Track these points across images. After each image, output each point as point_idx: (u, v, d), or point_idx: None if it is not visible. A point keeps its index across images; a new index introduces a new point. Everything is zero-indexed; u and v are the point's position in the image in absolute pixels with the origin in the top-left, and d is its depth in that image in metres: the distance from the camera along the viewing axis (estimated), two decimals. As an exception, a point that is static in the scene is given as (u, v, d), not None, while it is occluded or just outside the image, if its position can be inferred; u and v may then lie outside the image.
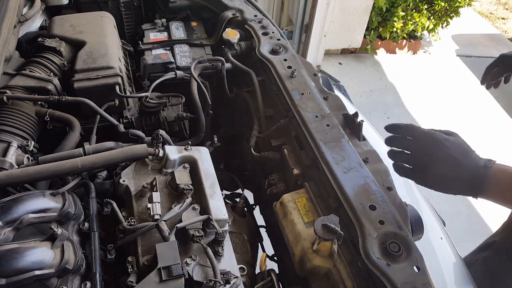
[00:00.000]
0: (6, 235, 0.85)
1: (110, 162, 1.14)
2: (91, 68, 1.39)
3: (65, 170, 1.08)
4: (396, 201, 1.05)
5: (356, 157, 1.14)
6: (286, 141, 1.33)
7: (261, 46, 1.54)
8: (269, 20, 1.75)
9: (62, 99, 1.31)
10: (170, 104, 1.49)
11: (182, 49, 1.70)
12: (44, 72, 1.39)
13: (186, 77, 1.56)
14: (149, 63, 1.61)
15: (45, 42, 1.46)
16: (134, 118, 1.48)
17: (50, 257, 0.86)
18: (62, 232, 0.90)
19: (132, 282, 0.92)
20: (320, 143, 1.17)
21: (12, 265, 0.81)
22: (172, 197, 1.13)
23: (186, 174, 1.19)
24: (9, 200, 0.90)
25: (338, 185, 1.07)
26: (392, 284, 0.85)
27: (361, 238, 0.94)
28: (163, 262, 0.88)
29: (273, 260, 1.40)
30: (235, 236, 1.27)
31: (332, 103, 1.33)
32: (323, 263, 1.01)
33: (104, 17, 1.67)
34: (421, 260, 0.90)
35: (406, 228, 0.97)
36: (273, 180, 1.30)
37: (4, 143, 1.17)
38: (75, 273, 0.92)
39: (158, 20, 1.85)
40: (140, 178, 1.16)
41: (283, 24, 4.49)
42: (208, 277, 0.94)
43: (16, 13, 1.42)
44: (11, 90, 1.29)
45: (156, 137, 1.26)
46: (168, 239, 0.97)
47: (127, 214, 1.08)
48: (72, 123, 1.31)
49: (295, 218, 1.11)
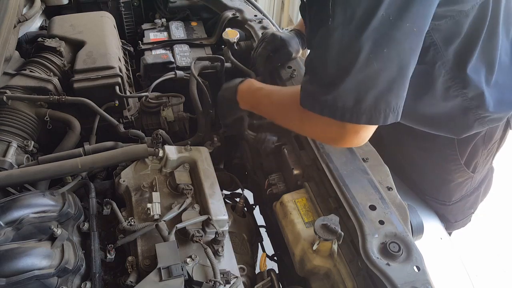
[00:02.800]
0: (6, 235, 0.85)
1: (110, 162, 1.15)
2: (91, 68, 1.39)
3: (65, 170, 1.08)
4: (396, 201, 1.05)
5: (356, 157, 1.14)
6: (286, 141, 1.33)
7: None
8: (269, 20, 1.75)
9: (62, 99, 1.31)
10: (170, 104, 1.49)
11: (182, 49, 1.70)
12: (44, 72, 1.39)
13: (186, 76, 1.56)
14: (149, 63, 1.61)
15: (45, 42, 1.46)
16: (134, 118, 1.48)
17: (50, 257, 0.86)
18: (62, 232, 0.90)
19: (132, 282, 0.92)
20: (320, 143, 1.17)
21: (12, 265, 0.81)
22: (172, 197, 1.13)
23: (186, 174, 1.19)
24: (9, 200, 0.90)
25: (338, 185, 1.07)
26: (392, 284, 0.85)
27: (361, 238, 0.94)
28: (163, 262, 0.88)
29: (273, 260, 1.40)
30: (235, 236, 1.27)
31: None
32: (323, 263, 1.01)
33: (104, 17, 1.67)
34: (421, 260, 0.90)
35: (406, 228, 0.97)
36: (273, 180, 1.30)
37: (4, 143, 1.17)
38: (75, 273, 0.92)
39: (158, 20, 1.85)
40: (140, 178, 1.16)
41: (284, 24, 4.49)
42: (208, 277, 0.94)
43: (16, 13, 1.42)
44: (11, 90, 1.29)
45: (156, 137, 1.26)
46: (168, 239, 0.97)
47: (127, 214, 1.08)
48: (72, 123, 1.31)
49: (295, 218, 1.11)
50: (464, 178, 1.48)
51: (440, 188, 1.54)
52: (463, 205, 1.60)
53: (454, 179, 1.48)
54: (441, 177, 1.50)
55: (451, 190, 1.53)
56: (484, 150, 1.41)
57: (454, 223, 1.68)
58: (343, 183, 1.06)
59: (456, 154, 1.40)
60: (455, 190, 1.53)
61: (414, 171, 1.56)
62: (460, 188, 1.52)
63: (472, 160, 1.42)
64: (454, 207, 1.59)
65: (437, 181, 1.53)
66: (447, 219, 1.65)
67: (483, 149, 1.40)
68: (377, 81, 0.85)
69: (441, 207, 1.59)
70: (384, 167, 1.15)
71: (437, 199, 1.57)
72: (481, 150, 1.40)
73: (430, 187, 1.56)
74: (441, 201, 1.57)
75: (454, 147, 1.38)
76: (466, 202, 1.60)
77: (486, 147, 1.40)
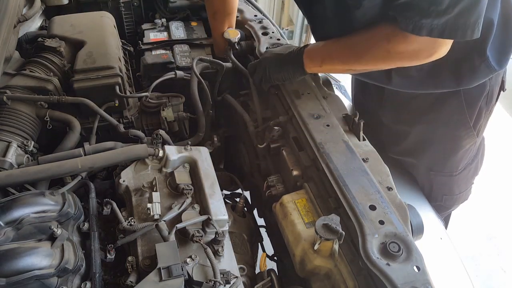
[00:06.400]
0: (6, 235, 0.85)
1: (110, 162, 1.15)
2: (91, 68, 1.39)
3: (65, 170, 1.08)
4: (396, 201, 1.05)
5: (356, 157, 1.14)
6: (284, 142, 1.33)
7: (261, 46, 1.54)
8: (269, 20, 1.75)
9: (62, 99, 1.31)
10: (170, 104, 1.49)
11: (182, 49, 1.70)
12: (44, 72, 1.39)
13: (186, 76, 1.56)
14: (149, 63, 1.61)
15: (45, 42, 1.46)
16: (134, 118, 1.48)
17: (50, 257, 0.86)
18: (62, 232, 0.90)
19: (132, 282, 0.92)
20: (320, 143, 1.17)
21: (12, 265, 0.81)
22: (172, 197, 1.13)
23: (186, 174, 1.19)
24: (9, 200, 0.90)
25: (338, 185, 1.07)
26: (392, 284, 0.85)
27: (361, 238, 0.94)
28: (163, 262, 0.88)
29: (273, 260, 1.40)
30: (235, 236, 1.27)
31: (332, 103, 1.33)
32: (324, 263, 1.01)
33: (104, 17, 1.67)
34: (421, 260, 0.90)
35: (406, 228, 0.97)
36: (272, 181, 1.30)
37: (4, 143, 1.17)
38: (75, 273, 0.92)
39: (158, 20, 1.85)
40: (140, 178, 1.16)
41: (284, 24, 4.49)
42: (208, 277, 0.94)
43: (16, 13, 1.42)
44: (11, 90, 1.29)
45: (156, 137, 1.26)
46: (168, 239, 0.97)
47: (127, 214, 1.08)
48: (72, 123, 1.31)
49: (295, 219, 1.11)
50: (470, 144, 1.54)
51: (448, 158, 1.59)
52: (466, 174, 1.67)
53: (463, 145, 1.53)
54: (450, 147, 1.55)
55: (458, 159, 1.59)
56: (487, 111, 1.49)
57: (458, 194, 1.73)
58: (343, 183, 1.06)
59: (466, 118, 1.46)
60: (462, 158, 1.59)
61: (423, 148, 1.60)
62: (466, 156, 1.59)
63: (478, 123, 1.49)
64: (460, 176, 1.65)
65: (446, 152, 1.58)
66: (453, 191, 1.70)
67: (485, 111, 1.48)
68: None
69: (447, 179, 1.64)
70: (384, 167, 1.15)
71: (444, 172, 1.63)
72: (484, 111, 1.48)
73: (438, 160, 1.61)
74: (447, 173, 1.62)
75: (463, 110, 1.44)
76: (469, 171, 1.67)
77: (488, 108, 1.48)
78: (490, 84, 1.42)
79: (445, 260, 1.45)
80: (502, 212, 2.90)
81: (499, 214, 2.90)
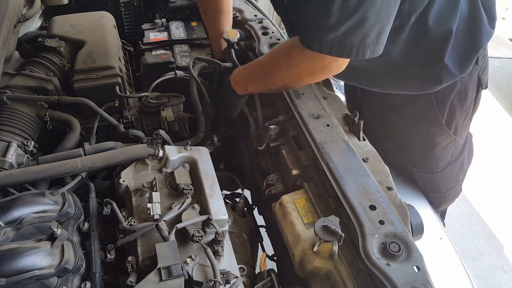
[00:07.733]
0: (6, 235, 0.85)
1: (110, 162, 1.15)
2: (91, 68, 1.39)
3: (65, 170, 1.08)
4: (396, 201, 1.05)
5: (356, 157, 1.14)
6: (284, 141, 1.33)
7: (261, 46, 1.54)
8: (269, 20, 1.75)
9: (62, 99, 1.31)
10: (170, 104, 1.49)
11: (182, 49, 1.70)
12: (44, 72, 1.39)
13: (186, 76, 1.56)
14: (149, 63, 1.61)
15: (45, 42, 1.46)
16: (134, 118, 1.48)
17: (50, 257, 0.86)
18: (62, 232, 0.90)
19: (132, 282, 0.92)
20: (320, 143, 1.17)
21: (12, 265, 0.81)
22: (172, 197, 1.13)
23: (186, 174, 1.19)
24: (9, 200, 0.90)
25: (338, 185, 1.07)
26: (392, 284, 0.85)
27: (361, 238, 0.94)
28: (163, 262, 0.88)
29: (273, 260, 1.40)
30: (235, 236, 1.27)
31: (332, 103, 1.34)
32: (324, 264, 1.01)
33: (104, 17, 1.67)
34: (421, 260, 0.90)
35: (406, 228, 0.97)
36: (271, 180, 1.30)
37: (4, 143, 1.17)
38: (75, 273, 0.92)
39: (158, 20, 1.84)
40: (140, 178, 1.16)
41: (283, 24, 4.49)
42: (208, 277, 0.94)
43: (16, 13, 1.42)
44: (11, 90, 1.29)
45: (155, 137, 1.26)
46: (168, 239, 0.97)
47: (127, 214, 1.08)
48: (72, 123, 1.31)
49: (295, 219, 1.11)
50: (448, 142, 1.56)
51: (426, 154, 1.61)
52: (450, 171, 1.67)
53: (438, 142, 1.55)
54: (426, 143, 1.57)
55: (437, 156, 1.60)
56: (462, 109, 1.50)
57: (446, 192, 1.74)
58: (343, 183, 1.06)
59: (437, 115, 1.47)
60: (441, 155, 1.60)
61: (402, 143, 1.63)
62: (445, 153, 1.60)
63: (452, 121, 1.50)
64: (443, 174, 1.65)
65: (423, 148, 1.60)
66: (439, 189, 1.71)
67: (460, 109, 1.49)
68: (379, 19, 1.00)
69: (430, 176, 1.65)
70: (384, 167, 1.15)
71: (425, 168, 1.64)
72: (459, 109, 1.49)
73: (417, 156, 1.63)
74: (429, 170, 1.64)
75: (434, 107, 1.45)
76: (453, 168, 1.68)
77: (462, 106, 1.49)
78: (462, 82, 1.42)
79: (445, 260, 1.45)
80: (502, 212, 2.91)
81: (499, 214, 2.90)
